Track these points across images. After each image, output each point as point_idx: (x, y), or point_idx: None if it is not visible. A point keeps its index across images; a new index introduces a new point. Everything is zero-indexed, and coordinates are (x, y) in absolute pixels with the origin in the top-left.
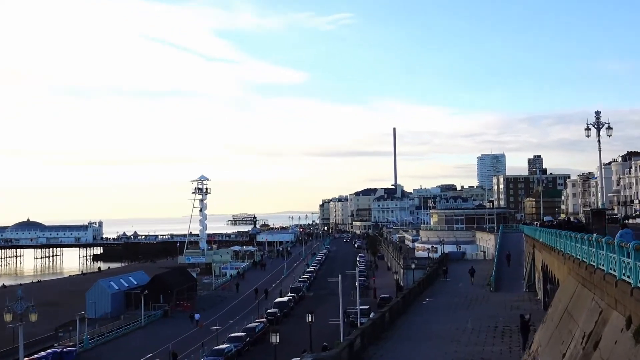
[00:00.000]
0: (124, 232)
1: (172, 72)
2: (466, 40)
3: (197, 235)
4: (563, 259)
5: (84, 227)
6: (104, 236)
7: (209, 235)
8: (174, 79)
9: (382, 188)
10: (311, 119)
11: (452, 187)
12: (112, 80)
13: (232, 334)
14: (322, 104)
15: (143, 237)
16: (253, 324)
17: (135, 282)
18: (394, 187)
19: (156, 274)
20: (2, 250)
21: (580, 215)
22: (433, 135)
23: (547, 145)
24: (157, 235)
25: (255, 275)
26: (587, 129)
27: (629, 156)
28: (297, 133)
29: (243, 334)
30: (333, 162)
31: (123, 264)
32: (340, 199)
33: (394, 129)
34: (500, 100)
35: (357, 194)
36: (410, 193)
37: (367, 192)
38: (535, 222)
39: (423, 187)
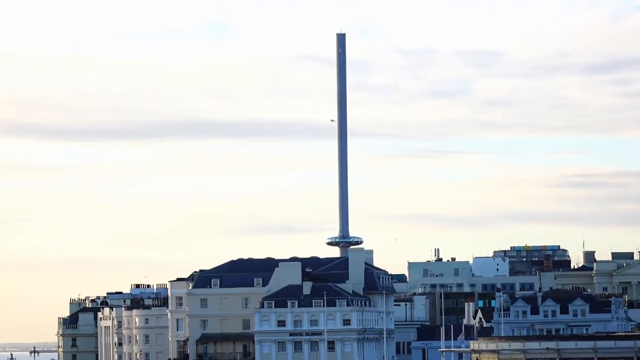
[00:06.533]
0: None
1: None
2: None
3: None
4: None
5: None
6: None
7: None
8: None
9: (295, 259)
10: None
11: (553, 254)
12: None
13: None
14: None
15: None
16: None
17: None
18: (341, 244)
19: None
20: None
21: None
22: (483, 61)
23: None
24: None
25: None
26: None
27: None
28: None
29: None
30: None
31: None
32: (137, 301)
33: (340, 37)
34: None
35: (205, 277)
36: (401, 278)
37: (239, 271)
38: None
39: (446, 259)
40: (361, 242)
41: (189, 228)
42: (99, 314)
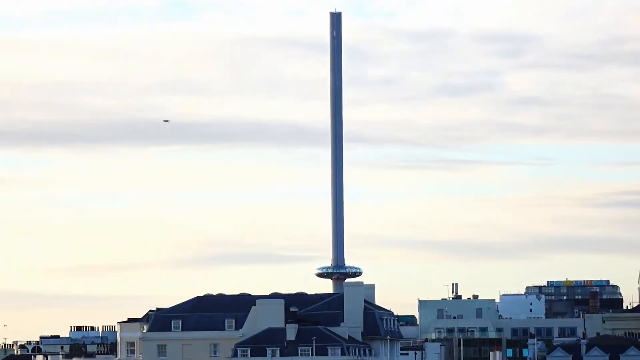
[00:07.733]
0: None
1: None
2: None
3: None
4: None
5: None
6: None
7: None
8: None
9: (276, 296)
10: None
11: (601, 290)
12: None
13: None
14: None
15: None
16: None
17: None
18: (334, 276)
19: None
20: None
21: None
22: (512, 48)
23: None
24: None
25: None
26: None
27: None
28: None
29: None
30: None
31: None
32: (78, 347)
33: (335, 16)
34: None
35: (163, 318)
36: (410, 320)
37: (207, 310)
38: None
39: (466, 296)
40: (359, 274)
41: (143, 256)
42: None
